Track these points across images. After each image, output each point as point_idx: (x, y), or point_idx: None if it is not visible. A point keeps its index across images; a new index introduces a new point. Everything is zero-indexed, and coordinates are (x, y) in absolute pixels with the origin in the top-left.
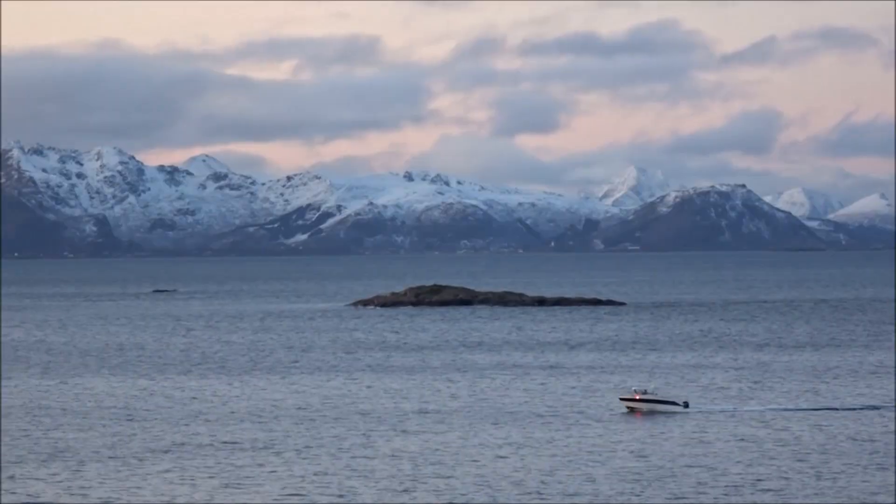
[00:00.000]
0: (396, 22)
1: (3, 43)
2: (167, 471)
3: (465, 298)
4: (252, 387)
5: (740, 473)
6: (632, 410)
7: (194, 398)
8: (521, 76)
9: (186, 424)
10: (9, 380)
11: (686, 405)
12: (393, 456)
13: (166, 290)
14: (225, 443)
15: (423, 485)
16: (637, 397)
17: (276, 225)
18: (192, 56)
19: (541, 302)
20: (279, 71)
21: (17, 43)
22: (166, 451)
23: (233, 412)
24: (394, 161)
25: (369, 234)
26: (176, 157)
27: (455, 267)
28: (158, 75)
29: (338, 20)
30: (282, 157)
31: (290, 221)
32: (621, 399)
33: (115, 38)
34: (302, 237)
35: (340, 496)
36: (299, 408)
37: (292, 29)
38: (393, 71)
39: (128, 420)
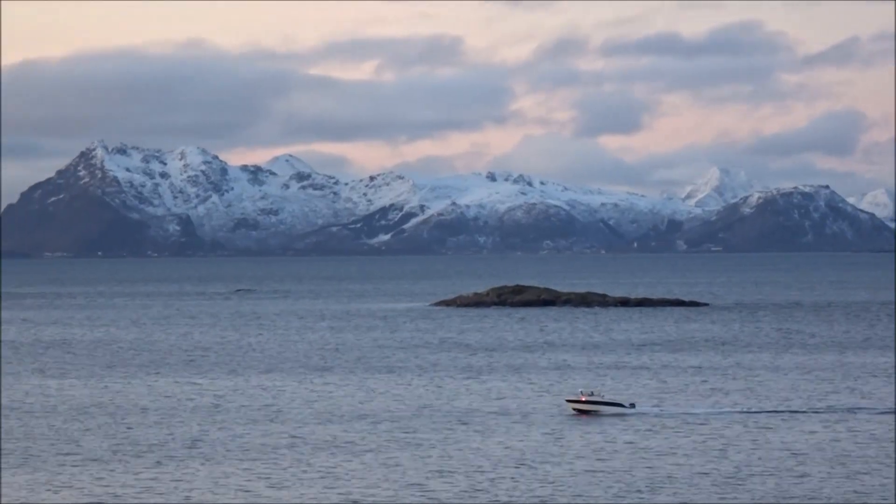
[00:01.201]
0: (479, 22)
1: (86, 43)
2: (248, 469)
3: (548, 299)
4: (332, 386)
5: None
6: (578, 412)
7: (274, 397)
8: (604, 77)
9: (267, 423)
10: (91, 378)
11: (632, 406)
12: (473, 455)
13: (248, 290)
14: (305, 442)
15: (502, 484)
16: (583, 398)
17: (358, 225)
18: (275, 56)
19: (624, 302)
20: (361, 71)
21: (101, 42)
22: (246, 451)
23: (312, 411)
24: (476, 161)
25: (452, 234)
26: (259, 156)
27: (537, 267)
28: (242, 75)
29: (420, 20)
30: (365, 156)
31: (373, 221)
32: (567, 401)
33: (199, 37)
34: (385, 237)
35: (422, 495)
36: (378, 407)
37: (375, 29)
38: (475, 71)
39: (208, 419)
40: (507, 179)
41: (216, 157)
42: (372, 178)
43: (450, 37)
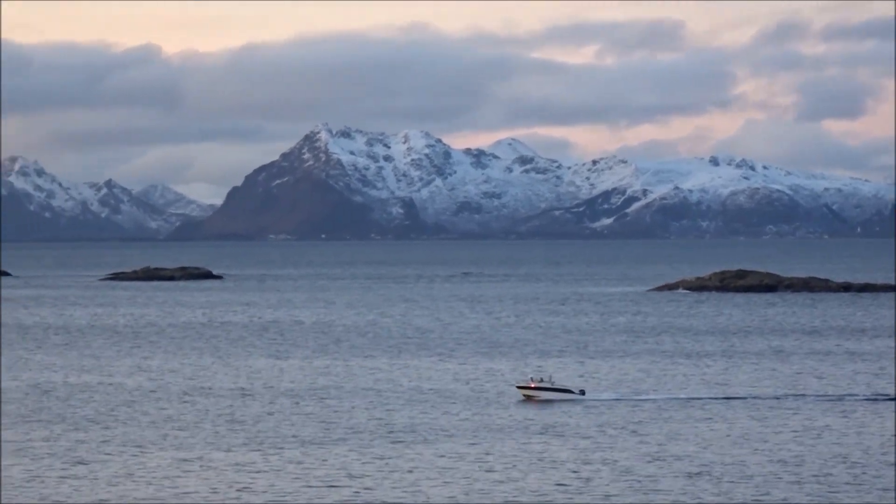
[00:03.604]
0: (699, 7)
1: (309, 27)
2: (442, 456)
3: (770, 284)
4: (544, 371)
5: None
6: (528, 398)
7: (478, 380)
8: (826, 61)
9: (481, 407)
10: (307, 359)
11: (582, 393)
12: (682, 442)
13: (473, 273)
14: (518, 427)
15: (719, 469)
16: (533, 385)
17: (581, 209)
18: (497, 40)
19: (846, 288)
20: (582, 55)
21: (324, 26)
22: (451, 435)
23: (517, 395)
24: (699, 145)
25: (674, 218)
26: (482, 140)
27: (761, 252)
28: (465, 59)
29: (641, 5)
30: (587, 140)
31: (596, 205)
32: (518, 387)
33: (422, 21)
34: (607, 221)
35: (636, 481)
36: (588, 392)
37: (596, 13)
38: (696, 56)
39: (417, 401)
40: (729, 164)
41: (439, 141)
42: (594, 162)
43: (671, 21)
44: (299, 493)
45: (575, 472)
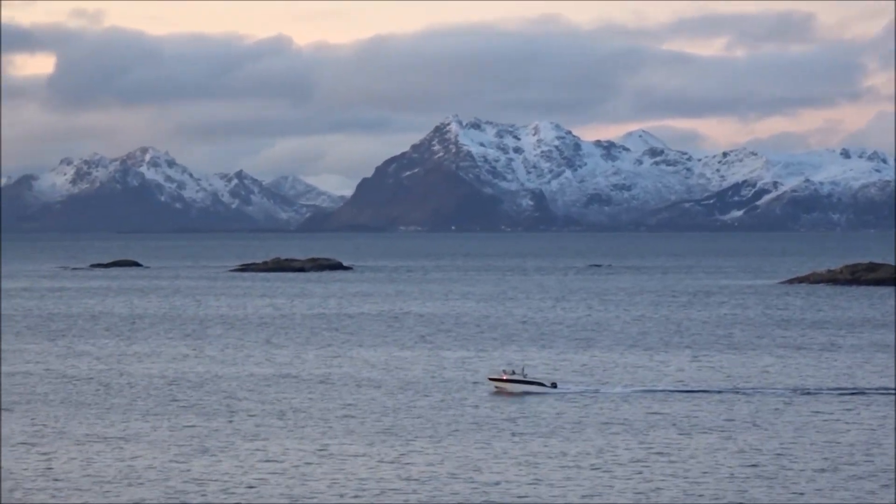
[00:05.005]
0: None
1: (438, 19)
2: (585, 453)
3: None
4: (671, 364)
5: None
6: (500, 390)
7: (604, 371)
8: None
9: (591, 401)
10: (417, 349)
11: (554, 386)
12: (822, 438)
13: (601, 265)
14: (635, 419)
15: (846, 460)
16: (505, 377)
17: (711, 201)
18: (627, 32)
19: None
20: (712, 47)
21: (454, 18)
22: (583, 428)
23: (644, 388)
24: (829, 138)
25: (805, 211)
26: (612, 132)
27: (892, 245)
28: (595, 51)
29: None
30: (717, 133)
31: (726, 197)
32: (490, 379)
33: (553, 13)
34: (737, 213)
35: (773, 476)
36: (716, 385)
37: (726, 5)
38: (827, 47)
39: (536, 394)
40: (861, 156)
41: (569, 133)
42: (724, 155)
43: (801, 13)
44: (425, 484)
45: (699, 464)
